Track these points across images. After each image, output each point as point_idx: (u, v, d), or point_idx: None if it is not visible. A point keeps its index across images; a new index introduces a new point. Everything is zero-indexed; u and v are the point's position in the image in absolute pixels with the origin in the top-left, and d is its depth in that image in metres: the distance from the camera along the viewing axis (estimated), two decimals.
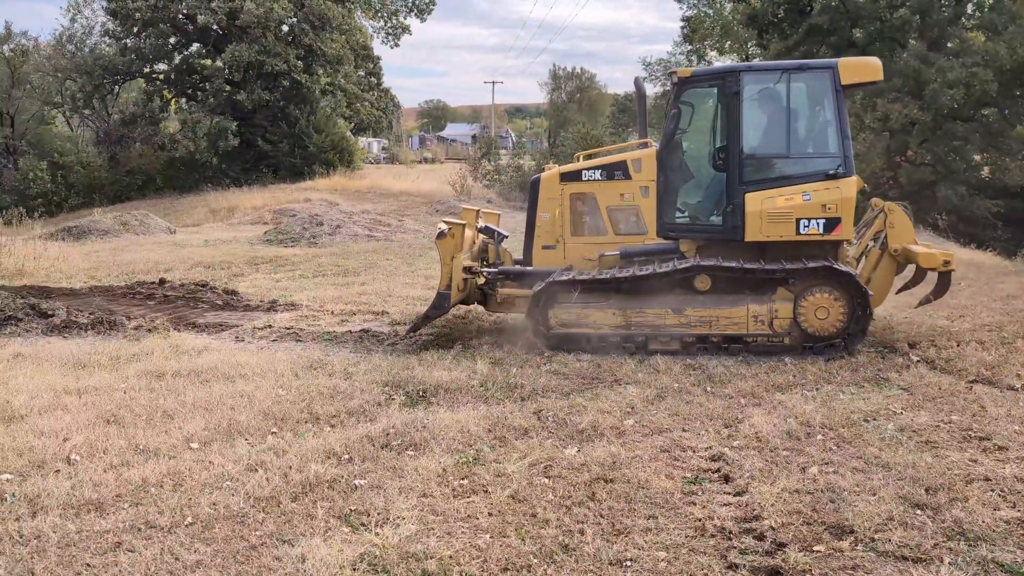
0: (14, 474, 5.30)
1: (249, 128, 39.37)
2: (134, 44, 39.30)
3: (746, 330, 8.30)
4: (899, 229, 8.77)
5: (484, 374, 7.59)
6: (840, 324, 8.22)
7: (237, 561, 4.17)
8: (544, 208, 9.33)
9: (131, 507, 4.83)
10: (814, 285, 8.22)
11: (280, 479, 5.18)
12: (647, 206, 8.98)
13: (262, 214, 28.55)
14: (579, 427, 6.09)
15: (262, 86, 38.03)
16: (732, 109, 8.40)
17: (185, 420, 6.36)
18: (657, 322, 8.41)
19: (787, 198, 8.24)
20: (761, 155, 8.55)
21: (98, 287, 13.79)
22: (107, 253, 18.89)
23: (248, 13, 35.84)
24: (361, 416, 6.51)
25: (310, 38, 38.49)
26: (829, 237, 8.26)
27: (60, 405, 6.74)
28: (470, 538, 4.40)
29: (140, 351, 8.66)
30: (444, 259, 8.96)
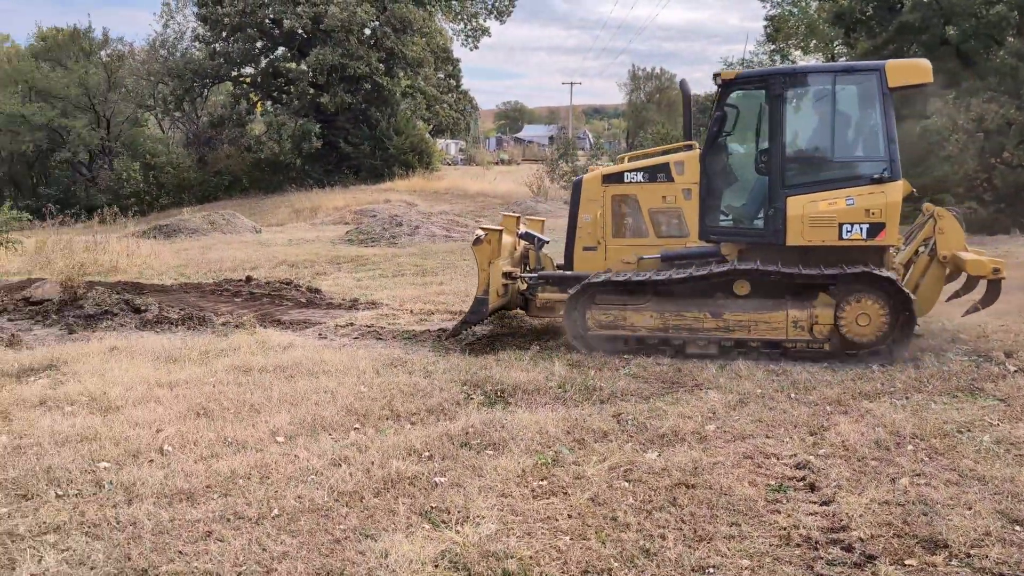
0: (111, 463, 5.51)
1: (332, 130, 40.22)
2: (223, 48, 40.58)
3: (785, 335, 8.18)
4: (949, 235, 8.48)
5: (562, 376, 7.58)
6: (882, 331, 8.02)
7: (322, 554, 4.25)
8: (586, 209, 9.29)
9: (220, 498, 4.97)
10: (855, 291, 8.03)
11: (363, 474, 5.27)
12: (689, 208, 8.90)
13: (343, 214, 29.11)
14: (659, 431, 6.02)
15: (344, 89, 38.80)
16: (776, 112, 8.29)
17: (271, 414, 6.52)
18: (695, 325, 8.34)
19: (830, 202, 8.11)
20: (804, 158, 8.46)
21: (188, 284, 14.26)
22: (196, 251, 19.53)
23: (332, 17, 36.60)
24: (441, 414, 6.57)
25: (391, 41, 39.10)
26: (872, 242, 8.09)
27: (153, 397, 6.99)
28: (550, 539, 4.40)
29: (228, 346, 8.92)
30: (481, 265, 9.06)
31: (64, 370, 7.94)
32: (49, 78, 43.06)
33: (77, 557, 4.22)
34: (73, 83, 42.86)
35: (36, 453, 5.65)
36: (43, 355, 8.54)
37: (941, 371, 7.61)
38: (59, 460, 5.49)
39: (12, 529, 4.53)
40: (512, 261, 9.50)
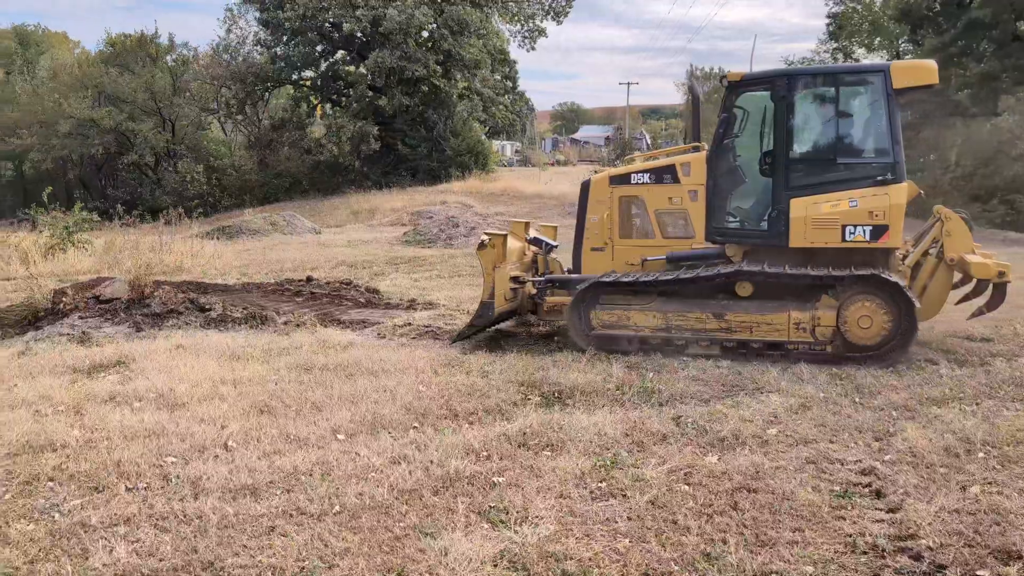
0: (178, 457, 5.64)
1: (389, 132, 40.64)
2: (284, 52, 41.31)
3: (787, 337, 8.17)
4: (956, 237, 8.32)
5: (619, 378, 7.54)
6: (884, 334, 7.97)
7: (382, 551, 4.30)
8: (593, 211, 9.37)
9: (283, 493, 5.05)
10: (858, 293, 7.99)
11: (422, 473, 5.31)
12: (695, 210, 8.90)
13: (401, 216, 29.41)
14: (720, 435, 5.95)
15: (402, 91, 39.18)
16: (780, 113, 8.29)
17: (332, 412, 6.61)
18: (697, 326, 8.39)
19: (833, 204, 8.11)
20: (808, 160, 8.42)
21: (250, 283, 14.53)
22: (257, 251, 19.91)
23: (390, 20, 36.99)
24: (498, 414, 6.59)
25: (449, 43, 39.36)
26: (875, 245, 8.06)
27: (217, 394, 7.13)
28: (609, 541, 4.37)
29: (290, 345, 9.07)
30: (486, 269, 9.19)
31: (132, 367, 8.16)
32: (117, 83, 44.34)
33: (146, 548, 4.33)
34: (140, 88, 44.08)
35: (107, 447, 5.81)
36: (112, 352, 8.79)
37: (1013, 376, 7.39)
38: (128, 454, 5.64)
39: (85, 520, 4.67)
40: (522, 266, 9.65)
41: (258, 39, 43.60)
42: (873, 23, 36.64)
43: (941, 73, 8.31)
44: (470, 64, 40.99)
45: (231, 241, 22.89)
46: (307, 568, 4.12)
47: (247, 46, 44.82)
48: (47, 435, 6.03)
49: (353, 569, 4.10)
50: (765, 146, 8.62)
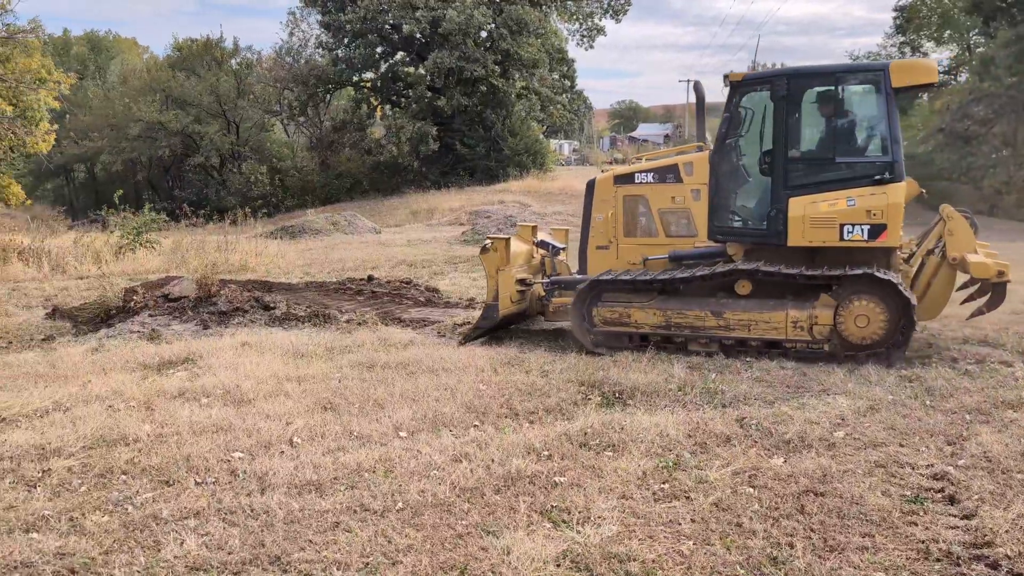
0: (245, 453, 5.75)
1: (448, 132, 40.89)
2: (345, 54, 41.85)
3: (785, 335, 8.18)
4: (958, 237, 8.28)
5: (681, 378, 7.46)
6: (881, 333, 7.92)
7: (445, 549, 4.32)
8: (599, 209, 9.50)
9: (347, 490, 5.11)
10: (855, 292, 7.97)
11: (483, 471, 5.32)
12: (698, 209, 8.98)
13: (459, 215, 29.56)
14: (785, 437, 5.84)
15: (461, 91, 39.38)
16: (779, 113, 8.32)
17: (394, 409, 6.67)
18: (696, 324, 8.45)
19: (830, 203, 8.12)
20: (806, 159, 8.42)
21: (312, 282, 14.76)
22: (319, 251, 20.22)
23: (450, 21, 37.21)
24: (558, 414, 6.57)
25: (508, 43, 39.44)
26: (873, 244, 8.04)
27: (282, 391, 7.26)
28: (673, 543, 4.33)
29: (352, 343, 9.18)
30: (489, 272, 9.44)
31: (200, 364, 8.34)
32: (184, 86, 45.46)
33: (215, 542, 4.42)
34: (206, 91, 45.12)
35: (176, 442, 5.95)
36: (181, 349, 9.00)
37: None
38: (197, 449, 5.77)
39: (156, 513, 4.79)
40: (530, 269, 9.87)
41: (320, 41, 44.28)
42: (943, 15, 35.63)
43: (1017, 66, 8.07)
44: (528, 63, 41.00)
45: (294, 241, 23.29)
46: (371, 564, 4.16)
47: (309, 49, 45.60)
48: (120, 429, 6.20)
49: (416, 566, 4.13)
50: (765, 146, 8.63)
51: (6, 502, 4.98)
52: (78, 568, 4.17)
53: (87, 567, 4.19)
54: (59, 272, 17.36)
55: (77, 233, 22.70)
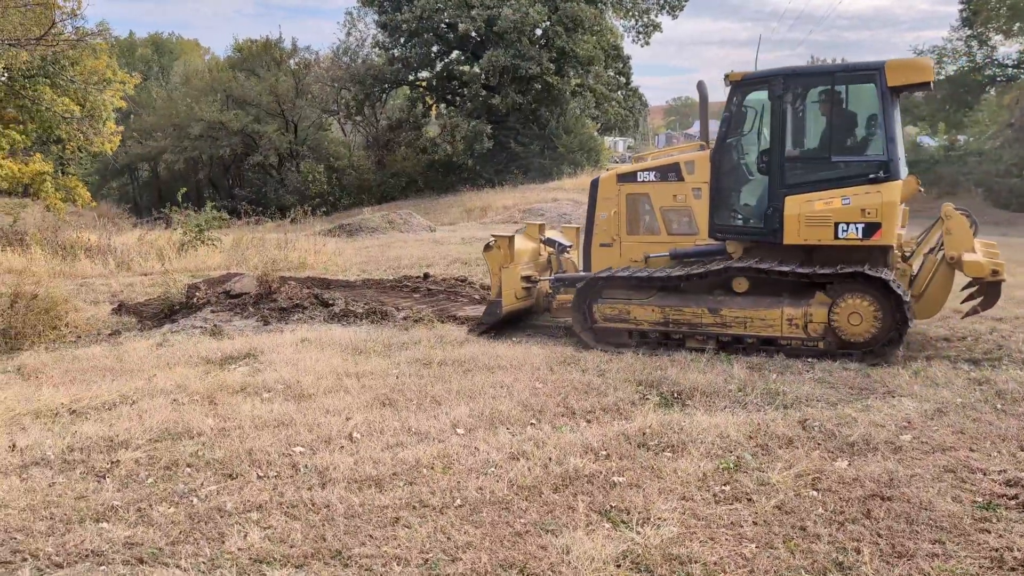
0: (305, 447, 5.83)
1: (502, 131, 40.93)
2: (401, 54, 42.18)
3: (780, 332, 8.27)
4: (956, 235, 8.33)
5: (742, 379, 7.35)
6: (875, 331, 7.96)
7: (504, 546, 4.31)
8: (602, 207, 9.68)
9: (406, 485, 5.14)
10: (848, 290, 8.02)
11: (541, 469, 5.31)
12: (699, 207, 9.11)
13: (512, 213, 29.56)
14: (849, 439, 5.71)
15: (516, 90, 39.40)
16: (776, 112, 8.41)
17: (451, 406, 6.69)
18: (693, 321, 8.59)
19: (825, 202, 8.19)
20: (802, 158, 8.50)
21: (370, 280, 14.89)
22: (376, 249, 20.40)
23: (505, 19, 37.25)
24: (616, 413, 6.52)
25: (562, 40, 39.33)
26: (868, 242, 8.09)
27: (342, 387, 7.34)
28: (734, 546, 4.26)
29: (409, 340, 9.25)
30: (492, 269, 9.87)
31: (261, 359, 8.48)
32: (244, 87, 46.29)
33: (278, 535, 4.49)
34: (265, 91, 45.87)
35: (239, 436, 6.06)
36: (242, 344, 9.16)
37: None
38: (259, 443, 5.86)
39: (220, 505, 4.88)
40: (536, 266, 10.19)
41: (376, 41, 44.69)
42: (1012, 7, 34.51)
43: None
44: (583, 61, 40.83)
45: (351, 239, 23.55)
46: (431, 560, 4.18)
47: (366, 48, 46.06)
48: (184, 423, 6.33)
49: (476, 563, 4.13)
50: (764, 145, 8.72)
51: (77, 492, 5.12)
52: (146, 558, 4.27)
53: (155, 557, 4.28)
54: (124, 269, 17.80)
55: (141, 231, 23.28)
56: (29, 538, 4.50)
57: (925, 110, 38.77)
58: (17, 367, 8.54)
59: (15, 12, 15.48)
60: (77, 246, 18.73)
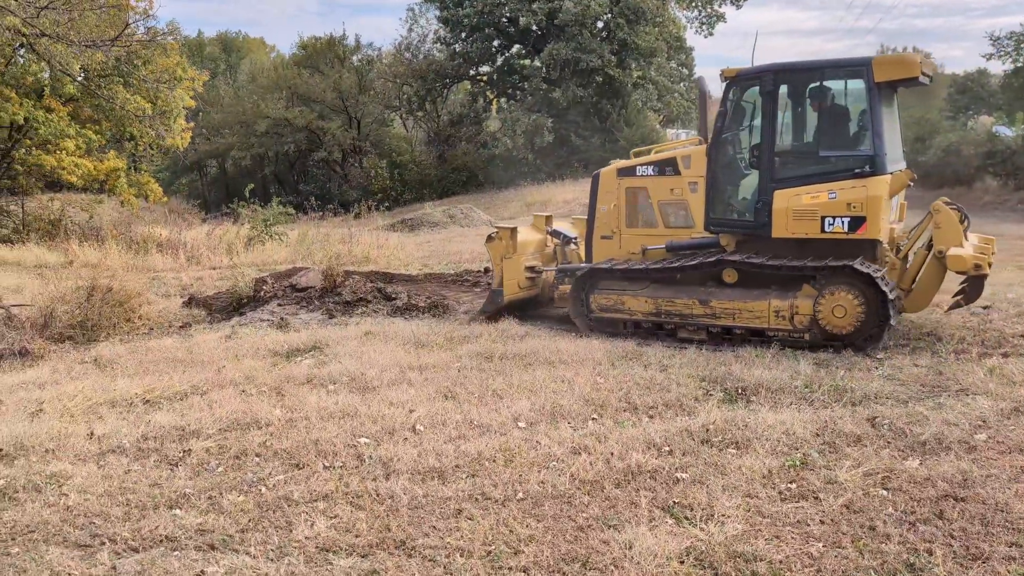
0: (370, 438, 5.91)
1: (563, 124, 40.81)
2: (462, 49, 42.36)
3: (767, 324, 8.46)
4: (945, 230, 8.36)
5: (808, 375, 7.21)
6: (858, 324, 8.08)
7: (566, 540, 4.32)
8: (603, 201, 9.92)
9: (468, 478, 5.18)
10: (833, 284, 8.16)
11: (603, 464, 5.29)
12: (695, 201, 9.26)
13: (572, 207, 29.44)
14: (920, 438, 5.57)
15: (577, 83, 39.24)
16: (767, 107, 8.57)
17: (512, 400, 6.72)
18: (685, 311, 8.85)
19: (812, 196, 8.33)
20: (791, 153, 8.76)
21: (431, 274, 15.01)
22: (437, 243, 20.58)
23: (566, 12, 37.12)
24: (679, 409, 6.47)
25: (624, 32, 39.03)
26: (853, 236, 8.21)
27: (405, 379, 7.42)
28: (801, 545, 4.19)
29: (470, 333, 9.30)
30: (494, 260, 10.18)
31: (326, 351, 8.62)
32: (308, 84, 46.97)
33: (344, 524, 4.57)
34: (329, 88, 46.49)
35: (305, 427, 6.17)
36: (308, 337, 9.33)
37: None
38: (325, 434, 5.96)
39: (288, 495, 4.98)
40: (542, 257, 10.51)
41: (438, 36, 44.95)
42: None
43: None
44: (645, 52, 40.45)
45: (412, 233, 23.78)
46: (493, 552, 4.21)
47: (427, 44, 46.35)
48: (253, 414, 6.48)
49: (538, 556, 4.15)
50: (755, 139, 8.83)
51: (151, 479, 5.28)
52: (217, 544, 4.39)
53: (225, 544, 4.40)
54: (194, 263, 18.28)
55: (210, 226, 23.87)
56: (107, 523, 4.66)
57: (1002, 99, 37.45)
58: (94, 358, 8.83)
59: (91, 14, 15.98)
60: (149, 241, 19.30)
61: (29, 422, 6.37)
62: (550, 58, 38.37)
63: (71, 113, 22.69)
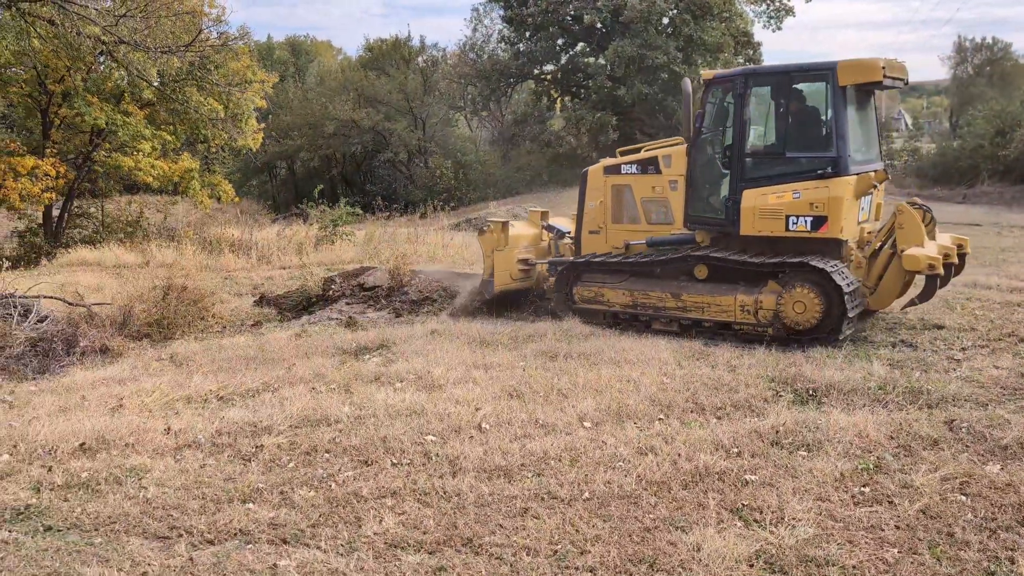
0: (437, 436, 5.97)
1: (627, 122, 40.51)
2: (526, 48, 42.37)
3: (734, 318, 8.90)
4: (908, 230, 8.57)
5: (882, 376, 7.03)
6: (816, 320, 8.38)
7: (633, 541, 4.30)
8: (591, 197, 10.41)
9: (534, 477, 5.19)
10: (794, 280, 8.50)
11: (670, 465, 5.25)
12: (675, 198, 9.70)
13: None
14: (1001, 442, 5.39)
15: (641, 80, 38.92)
16: (738, 110, 8.98)
17: (577, 399, 6.70)
18: (658, 304, 9.39)
19: (778, 196, 8.71)
20: (760, 154, 9.09)
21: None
22: None
23: (631, 9, 36.84)
24: (747, 410, 6.37)
25: (690, 28, 38.55)
26: (816, 234, 8.56)
27: (470, 378, 7.46)
28: (875, 550, 4.10)
29: (534, 332, 9.31)
30: (485, 252, 10.89)
31: (393, 350, 8.73)
32: (375, 85, 47.56)
33: (411, 521, 4.62)
34: (395, 89, 46.99)
35: (374, 424, 6.26)
36: (375, 336, 9.46)
37: None
38: (393, 431, 6.04)
39: (357, 491, 5.06)
40: (537, 251, 11.00)
41: (502, 36, 45.06)
42: None
43: None
44: (712, 48, 39.86)
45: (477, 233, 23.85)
46: (560, 552, 4.21)
47: (491, 44, 46.49)
48: (322, 410, 6.59)
49: (605, 556, 4.14)
50: (727, 141, 9.26)
51: (226, 473, 5.42)
52: (289, 538, 4.48)
53: (297, 538, 4.49)
54: (265, 262, 18.68)
55: (280, 226, 24.35)
56: (184, 515, 4.80)
57: None
58: (170, 355, 9.10)
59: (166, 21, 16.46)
60: (222, 241, 19.79)
61: (110, 417, 6.60)
62: (615, 56, 38.10)
63: (148, 117, 23.41)
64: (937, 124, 59.24)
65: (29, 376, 8.62)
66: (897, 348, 8.17)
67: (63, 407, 6.96)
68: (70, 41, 12.97)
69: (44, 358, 9.12)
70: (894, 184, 29.55)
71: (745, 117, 8.96)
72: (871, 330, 8.98)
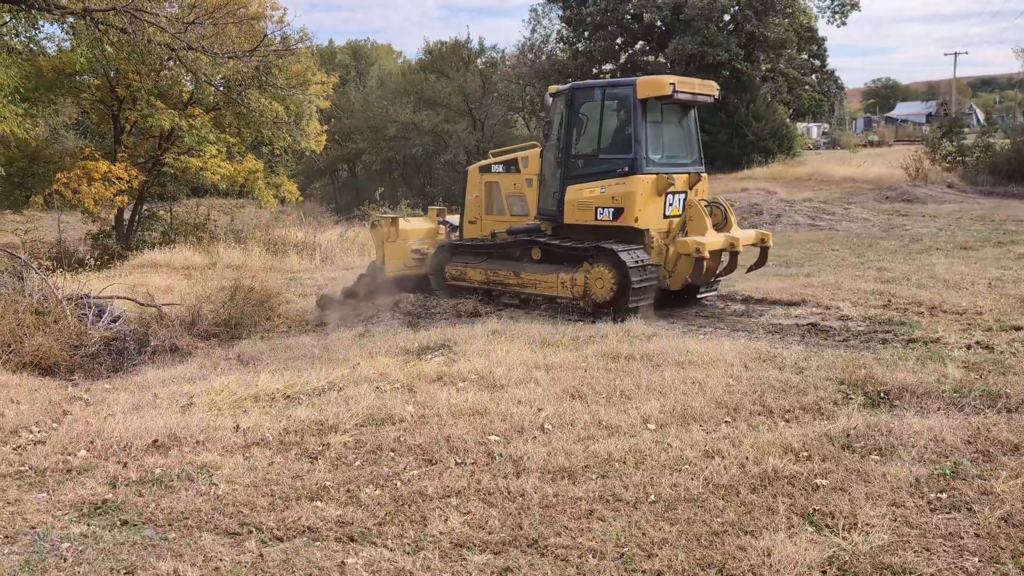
0: (500, 436, 5.97)
1: None
2: (585, 47, 42.25)
3: (557, 293, 10.69)
4: (695, 222, 10.44)
5: (957, 379, 6.82)
6: (611, 294, 10.17)
7: (701, 545, 4.23)
8: (470, 192, 12.19)
9: (598, 478, 5.15)
10: (597, 260, 10.30)
11: (737, 469, 5.16)
12: (530, 194, 11.47)
13: None
14: None
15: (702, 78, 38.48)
16: (567, 118, 10.83)
17: (641, 401, 6.64)
18: (504, 281, 11.26)
19: (591, 191, 10.54)
20: (580, 155, 10.83)
21: None
22: None
23: (692, 6, 36.48)
24: (817, 413, 6.23)
25: (752, 24, 38.01)
26: (616, 223, 10.38)
27: (532, 378, 7.44)
28: (954, 559, 3.96)
29: (596, 333, 9.25)
30: (377, 243, 12.81)
31: (455, 350, 8.76)
32: (435, 88, 47.95)
33: (476, 521, 4.62)
34: (454, 91, 47.32)
35: (437, 423, 6.29)
36: (437, 336, 9.50)
37: None
38: (456, 431, 6.05)
39: (422, 490, 5.08)
40: (432, 242, 12.62)
41: (560, 36, 44.99)
42: None
43: None
44: (774, 45, 39.25)
45: None
46: (626, 555, 4.17)
47: (550, 44, 46.45)
48: (387, 409, 6.64)
49: (672, 560, 4.08)
50: (561, 144, 10.97)
51: (293, 472, 5.50)
52: (356, 537, 4.52)
53: (364, 536, 4.53)
54: (328, 263, 18.98)
55: (342, 228, 24.70)
56: (253, 512, 4.88)
57: None
58: (237, 354, 9.28)
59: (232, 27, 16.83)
60: (287, 243, 20.14)
61: (181, 414, 6.75)
62: (675, 53, 37.76)
63: (213, 120, 23.97)
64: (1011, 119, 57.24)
65: (104, 374, 8.88)
66: (972, 350, 7.92)
67: (136, 405, 7.15)
68: (141, 49, 13.35)
69: (117, 357, 9.38)
70: (966, 182, 28.69)
71: (573, 124, 10.75)
72: (945, 331, 8.72)
